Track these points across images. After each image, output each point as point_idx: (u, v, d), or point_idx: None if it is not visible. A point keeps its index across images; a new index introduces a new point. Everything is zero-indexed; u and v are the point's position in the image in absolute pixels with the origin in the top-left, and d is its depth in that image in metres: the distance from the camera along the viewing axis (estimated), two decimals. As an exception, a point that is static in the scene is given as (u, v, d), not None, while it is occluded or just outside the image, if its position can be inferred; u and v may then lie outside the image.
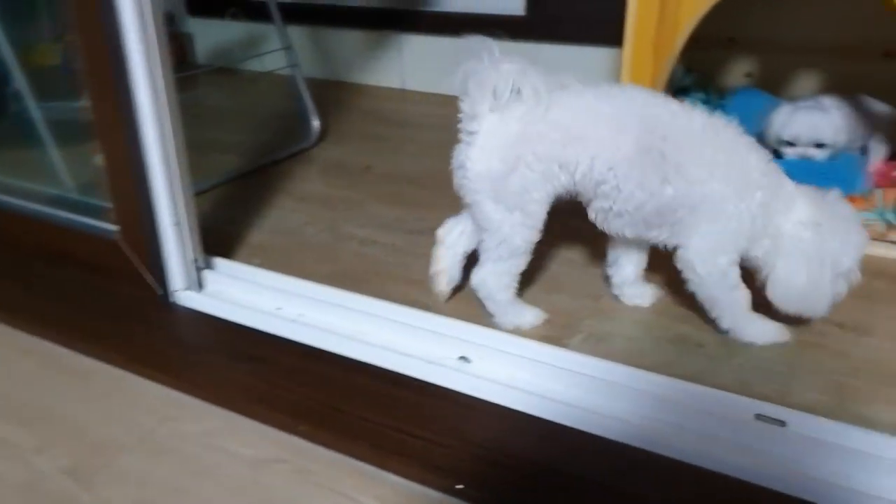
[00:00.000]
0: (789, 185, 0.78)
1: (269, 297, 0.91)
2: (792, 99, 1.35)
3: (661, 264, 0.88)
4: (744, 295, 0.79)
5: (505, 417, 0.71)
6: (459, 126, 0.79)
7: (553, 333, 0.85)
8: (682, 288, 0.82)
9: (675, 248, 0.80)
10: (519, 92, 0.74)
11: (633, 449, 0.67)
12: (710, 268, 0.77)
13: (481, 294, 0.85)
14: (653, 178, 0.74)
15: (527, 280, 0.95)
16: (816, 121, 1.12)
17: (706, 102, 1.36)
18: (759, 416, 0.67)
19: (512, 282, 0.84)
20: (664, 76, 1.04)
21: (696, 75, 1.42)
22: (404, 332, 0.82)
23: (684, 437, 0.67)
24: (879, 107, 1.19)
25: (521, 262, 0.82)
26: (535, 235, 0.80)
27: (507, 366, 0.77)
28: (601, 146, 0.75)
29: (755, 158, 0.77)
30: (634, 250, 0.88)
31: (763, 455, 0.64)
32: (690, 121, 0.76)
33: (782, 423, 0.66)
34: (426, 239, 0.91)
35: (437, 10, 1.78)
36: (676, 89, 1.38)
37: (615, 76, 1.15)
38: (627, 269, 0.89)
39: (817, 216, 0.76)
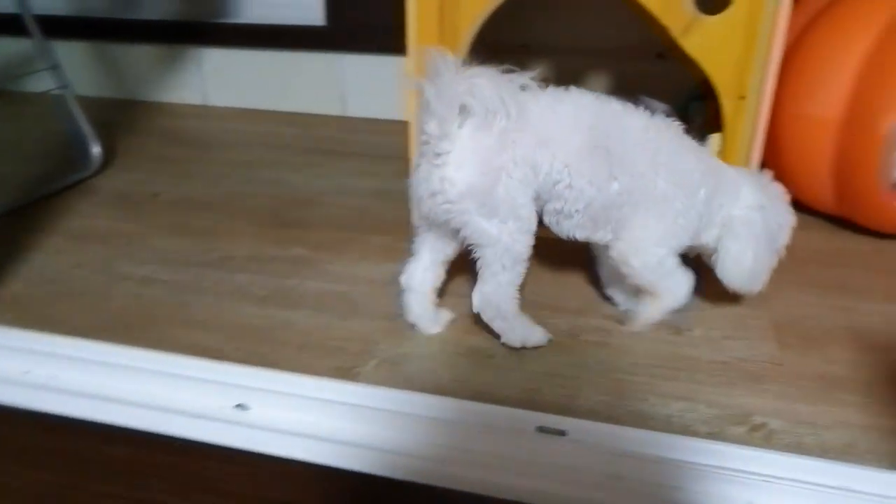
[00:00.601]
0: (731, 173, 0.84)
1: (17, 361, 0.78)
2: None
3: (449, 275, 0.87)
4: (689, 276, 0.83)
5: (286, 473, 0.65)
6: (424, 149, 0.75)
7: (345, 364, 0.81)
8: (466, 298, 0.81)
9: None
10: (493, 103, 0.73)
11: (420, 487, 0.63)
12: (646, 257, 0.80)
13: (487, 315, 0.80)
14: (601, 173, 0.77)
15: (317, 304, 0.91)
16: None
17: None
18: (540, 429, 0.67)
19: (516, 293, 0.80)
20: (449, 85, 1.03)
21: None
22: (171, 384, 0.73)
23: (472, 462, 0.64)
24: (656, 105, 1.26)
25: (522, 270, 0.80)
26: (532, 239, 0.79)
27: (291, 409, 0.71)
28: (560, 145, 0.76)
29: (696, 157, 0.81)
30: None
31: (545, 469, 0.63)
32: (632, 120, 0.80)
33: (563, 433, 0.66)
34: (214, 272, 0.83)
35: (236, 22, 1.68)
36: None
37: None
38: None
39: (761, 199, 0.82)
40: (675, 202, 0.79)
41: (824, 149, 1.01)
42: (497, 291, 0.79)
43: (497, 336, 0.82)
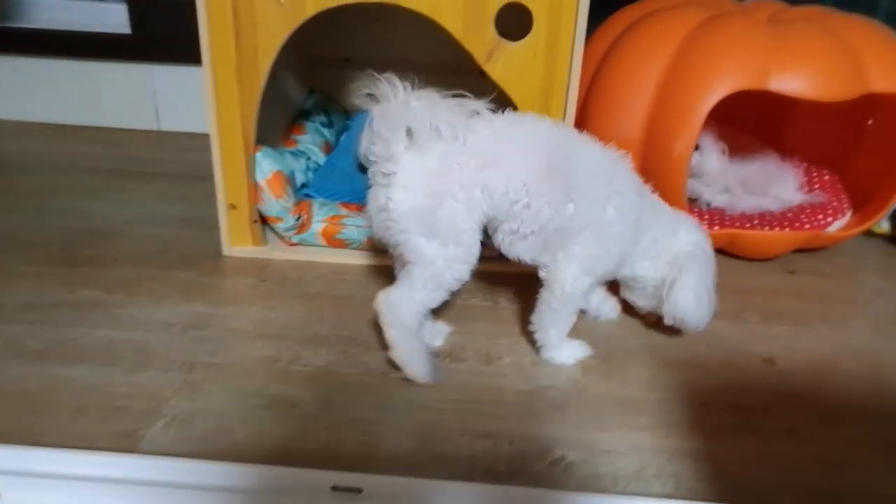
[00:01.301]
0: (669, 211, 0.87)
1: None
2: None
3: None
4: (576, 318, 0.85)
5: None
6: (373, 169, 0.77)
7: (128, 427, 0.72)
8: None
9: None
10: (434, 128, 0.74)
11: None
12: (577, 285, 0.82)
13: (385, 319, 0.79)
14: (558, 195, 0.78)
15: (104, 357, 0.81)
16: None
17: (328, 125, 1.33)
18: (335, 488, 0.63)
19: (422, 316, 0.80)
20: (253, 102, 0.96)
21: (319, 98, 1.39)
22: None
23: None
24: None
25: (441, 297, 0.79)
26: (467, 273, 0.79)
27: (52, 493, 0.62)
28: (515, 166, 0.77)
29: (639, 192, 0.84)
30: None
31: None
32: (589, 146, 0.82)
33: (359, 491, 0.63)
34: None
35: (28, 27, 1.49)
36: (300, 112, 1.33)
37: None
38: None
39: (698, 237, 0.86)
40: (613, 228, 0.81)
41: (628, 169, 1.05)
42: (405, 302, 0.79)
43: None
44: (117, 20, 1.47)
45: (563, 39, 0.90)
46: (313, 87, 1.41)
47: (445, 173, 0.76)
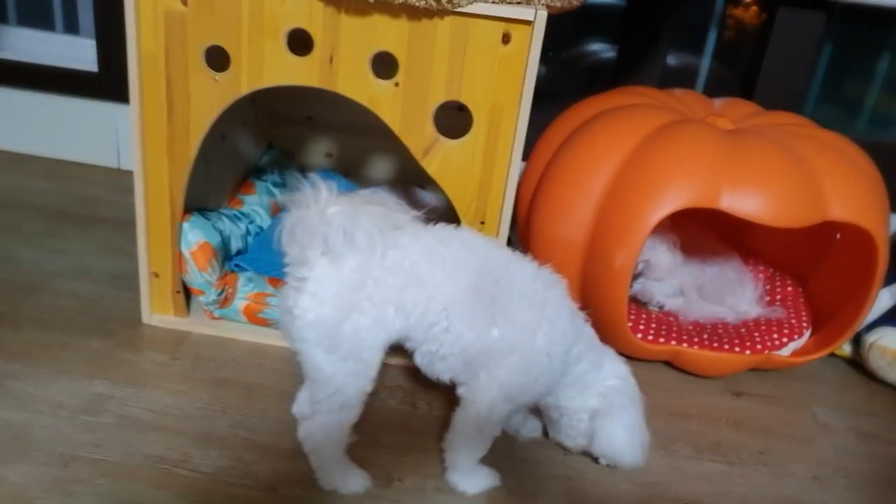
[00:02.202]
0: (598, 343, 0.82)
1: None
2: (369, 182, 1.36)
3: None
4: (490, 445, 0.80)
5: None
6: (286, 270, 0.73)
7: (-22, 532, 0.67)
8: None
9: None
10: (351, 238, 0.70)
11: None
12: (496, 411, 0.77)
13: (307, 447, 0.76)
14: (482, 319, 0.74)
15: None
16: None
17: (281, 185, 1.29)
18: None
19: (343, 436, 0.76)
20: (182, 173, 0.92)
21: (276, 154, 1.35)
22: None
23: None
24: (428, 197, 1.23)
25: (354, 415, 0.75)
26: (368, 385, 0.75)
27: None
28: (438, 288, 0.73)
29: (573, 318, 0.79)
30: None
31: None
32: (522, 269, 0.78)
33: None
34: None
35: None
36: (255, 169, 1.29)
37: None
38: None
39: (623, 370, 0.82)
40: (542, 358, 0.76)
41: (573, 272, 1.00)
42: (321, 430, 0.74)
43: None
44: (86, 58, 1.44)
45: (502, 140, 0.86)
46: (272, 144, 1.37)
47: (358, 287, 0.72)
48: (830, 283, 1.13)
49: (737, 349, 1.03)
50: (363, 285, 0.71)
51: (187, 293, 1.02)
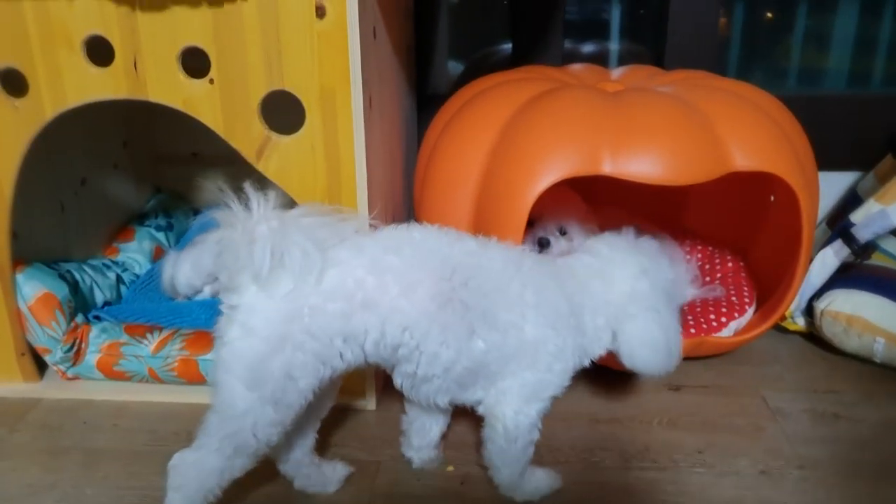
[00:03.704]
0: (595, 262, 0.71)
1: None
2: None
3: None
4: (533, 449, 0.69)
5: None
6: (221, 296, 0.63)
7: None
8: None
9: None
10: (280, 258, 0.59)
11: None
12: (522, 419, 0.66)
13: (172, 482, 0.62)
14: (458, 332, 0.63)
15: None
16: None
17: (167, 228, 1.19)
18: None
19: (216, 487, 0.62)
20: (2, 221, 0.82)
21: (164, 197, 1.25)
22: None
23: None
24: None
25: (245, 467, 0.62)
26: (279, 436, 0.62)
27: None
28: (392, 308, 0.62)
29: (558, 281, 0.68)
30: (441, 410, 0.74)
31: None
32: (490, 259, 0.66)
33: None
34: None
35: None
36: (138, 215, 1.19)
37: None
38: (434, 431, 0.75)
39: (641, 263, 0.70)
40: (546, 345, 0.65)
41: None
42: (201, 471, 0.61)
43: None
44: None
45: (342, 128, 0.75)
46: (160, 187, 1.27)
47: (292, 317, 0.60)
48: (768, 251, 1.01)
49: (668, 336, 0.90)
50: (298, 315, 0.60)
51: (37, 355, 0.90)
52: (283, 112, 0.77)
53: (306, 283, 0.60)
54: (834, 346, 0.93)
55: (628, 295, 0.69)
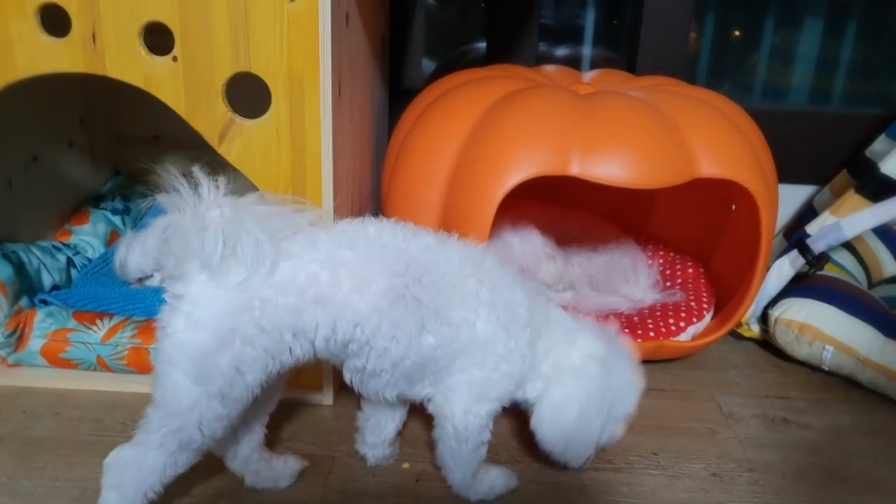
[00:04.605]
0: (563, 317, 0.70)
1: None
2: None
3: None
4: (485, 448, 0.69)
5: None
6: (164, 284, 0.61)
7: None
8: None
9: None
10: (232, 247, 0.57)
11: None
12: (471, 419, 0.66)
13: (107, 479, 0.59)
14: (408, 327, 0.62)
15: None
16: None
17: (123, 212, 1.15)
18: None
19: (157, 484, 0.60)
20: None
21: (122, 179, 1.21)
22: None
23: None
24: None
25: (189, 462, 0.61)
26: (225, 430, 0.61)
27: None
28: (344, 304, 0.61)
29: (522, 290, 0.67)
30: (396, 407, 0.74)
31: None
32: (447, 256, 0.65)
33: None
34: None
35: None
36: (94, 197, 1.15)
37: None
38: (389, 428, 0.74)
39: (604, 352, 0.68)
40: (496, 345, 0.64)
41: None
42: (141, 468, 0.59)
43: None
44: None
45: (309, 114, 0.74)
46: (119, 169, 1.23)
47: (242, 310, 0.58)
48: (728, 258, 1.02)
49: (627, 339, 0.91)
50: (249, 307, 0.58)
51: (-23, 338, 0.86)
52: (248, 96, 0.75)
53: (258, 274, 0.58)
54: (786, 353, 0.95)
55: (577, 367, 0.67)
